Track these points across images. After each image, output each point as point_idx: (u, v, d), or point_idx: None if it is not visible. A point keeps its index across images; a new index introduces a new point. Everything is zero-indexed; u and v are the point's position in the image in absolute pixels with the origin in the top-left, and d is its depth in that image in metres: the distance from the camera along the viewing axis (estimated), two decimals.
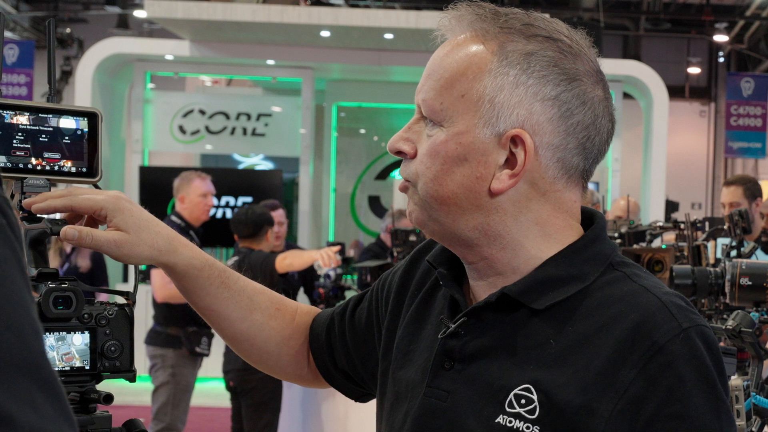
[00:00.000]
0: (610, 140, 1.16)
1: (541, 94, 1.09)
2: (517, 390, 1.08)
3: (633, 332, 1.04)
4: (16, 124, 1.23)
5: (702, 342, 1.05)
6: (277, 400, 5.27)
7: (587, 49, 1.14)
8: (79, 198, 1.23)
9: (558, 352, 1.07)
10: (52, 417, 0.57)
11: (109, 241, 1.23)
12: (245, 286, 1.40)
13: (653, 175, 9.63)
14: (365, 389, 1.44)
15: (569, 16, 11.95)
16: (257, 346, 1.42)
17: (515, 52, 1.10)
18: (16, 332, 0.58)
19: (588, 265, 1.12)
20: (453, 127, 1.11)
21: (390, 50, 9.55)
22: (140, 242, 1.25)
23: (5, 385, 0.55)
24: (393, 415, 1.22)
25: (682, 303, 1.08)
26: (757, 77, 13.95)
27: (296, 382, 1.52)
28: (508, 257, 1.13)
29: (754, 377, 2.19)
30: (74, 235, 1.21)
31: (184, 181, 5.36)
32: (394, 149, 1.16)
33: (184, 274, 1.32)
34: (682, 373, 1.02)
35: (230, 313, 1.38)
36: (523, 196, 1.11)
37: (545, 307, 1.10)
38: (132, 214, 1.25)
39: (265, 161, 11.49)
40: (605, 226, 1.18)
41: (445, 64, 1.13)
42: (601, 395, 1.03)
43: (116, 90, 10.10)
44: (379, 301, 1.37)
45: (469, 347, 1.14)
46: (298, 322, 1.46)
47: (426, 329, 1.23)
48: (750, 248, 3.27)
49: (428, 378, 1.16)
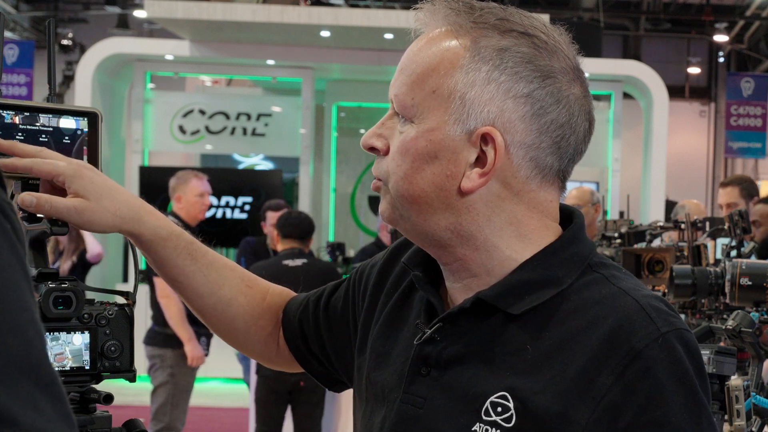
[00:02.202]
0: (588, 139, 1.13)
1: (513, 91, 1.06)
2: (493, 398, 1.05)
3: (610, 337, 1.01)
4: (16, 124, 1.23)
5: (682, 346, 1.02)
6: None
7: (565, 45, 1.10)
8: (40, 162, 1.21)
9: (535, 359, 1.05)
10: (53, 418, 0.59)
11: (68, 208, 1.21)
12: (214, 260, 1.38)
13: (653, 175, 9.63)
14: (339, 377, 1.41)
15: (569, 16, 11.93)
16: (225, 323, 1.41)
17: (488, 48, 1.07)
18: (20, 336, 0.59)
19: (565, 268, 1.09)
20: (423, 124, 1.08)
21: (390, 50, 9.55)
22: (101, 209, 1.23)
23: (9, 387, 0.57)
24: (371, 419, 1.20)
25: (662, 306, 1.05)
26: (757, 77, 13.96)
27: (265, 363, 1.51)
28: (482, 258, 1.11)
29: (754, 377, 2.19)
30: (32, 202, 1.20)
31: (181, 181, 5.34)
32: (367, 145, 1.14)
33: (150, 243, 1.30)
34: (661, 379, 1.00)
35: (197, 287, 1.36)
36: (495, 196, 1.09)
37: (521, 312, 1.07)
38: (93, 181, 1.23)
39: (265, 161, 11.48)
40: (583, 224, 1.15)
41: (418, 59, 1.10)
42: (579, 403, 1.00)
43: (116, 90, 10.10)
44: (356, 293, 1.34)
45: (445, 354, 1.11)
46: (269, 302, 1.44)
47: (403, 332, 1.20)
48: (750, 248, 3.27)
49: (405, 384, 1.14)
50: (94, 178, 1.24)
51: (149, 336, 5.24)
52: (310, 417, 5.14)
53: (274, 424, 5.14)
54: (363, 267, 1.36)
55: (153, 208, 1.32)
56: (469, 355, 1.10)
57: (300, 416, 5.16)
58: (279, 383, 5.03)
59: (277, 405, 5.13)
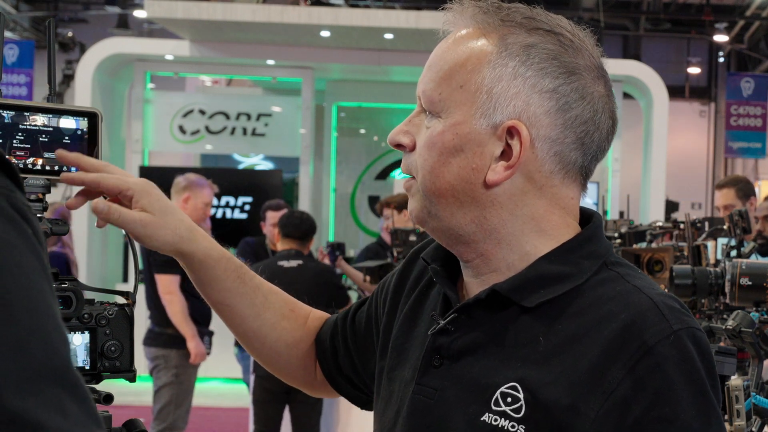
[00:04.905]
0: (611, 138, 1.15)
1: (539, 86, 1.08)
2: (503, 388, 1.06)
3: (623, 332, 1.03)
4: (16, 124, 1.23)
5: (693, 345, 1.03)
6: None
7: (590, 45, 1.13)
8: (108, 177, 1.25)
9: (546, 351, 1.06)
10: (80, 420, 0.60)
11: (135, 220, 1.25)
12: (260, 283, 1.41)
13: (653, 175, 9.63)
14: (369, 395, 1.42)
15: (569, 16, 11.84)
16: (267, 346, 1.42)
17: (515, 44, 1.09)
18: (44, 340, 0.60)
19: (582, 264, 1.11)
20: (450, 118, 1.10)
21: (390, 50, 9.55)
22: (165, 226, 1.27)
23: (35, 392, 0.58)
24: (385, 413, 1.21)
25: (676, 305, 1.06)
26: (757, 77, 13.95)
27: (304, 389, 1.51)
28: (504, 253, 1.12)
29: (754, 377, 2.19)
30: (104, 209, 1.23)
31: (196, 185, 5.29)
32: (394, 142, 1.16)
33: (201, 264, 1.33)
34: (671, 376, 1.00)
35: (243, 309, 1.38)
36: (519, 190, 1.10)
37: (536, 305, 1.09)
38: (159, 199, 1.28)
39: (265, 161, 11.49)
40: (602, 225, 1.17)
41: (446, 56, 1.13)
42: (589, 395, 1.01)
43: (116, 90, 10.10)
44: (378, 304, 1.37)
45: (457, 344, 1.13)
46: (309, 326, 1.46)
47: (419, 326, 1.23)
48: (750, 248, 3.27)
49: (417, 375, 1.16)
50: (160, 196, 1.29)
51: (150, 337, 5.24)
52: (307, 417, 5.14)
53: (272, 425, 5.14)
54: (385, 279, 1.39)
55: (204, 231, 1.36)
56: (482, 345, 1.11)
57: (297, 416, 5.16)
58: (275, 383, 5.00)
59: (274, 405, 5.13)
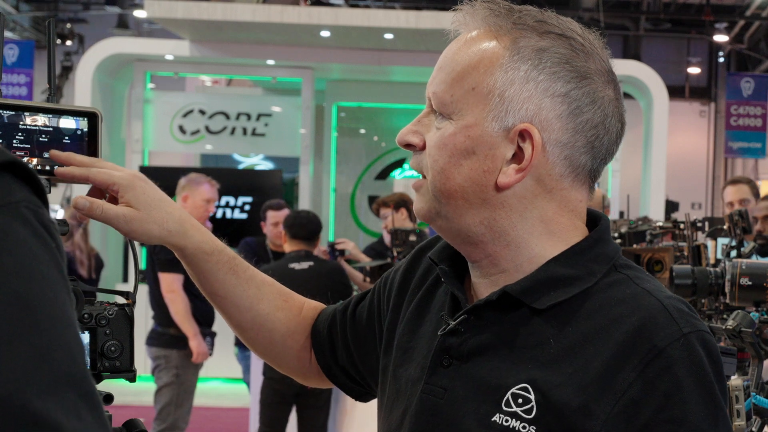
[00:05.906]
0: (620, 141, 1.16)
1: (551, 91, 1.09)
2: (514, 389, 1.07)
3: (633, 335, 1.04)
4: (16, 123, 1.23)
5: (702, 348, 1.04)
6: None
7: (600, 49, 1.14)
8: (95, 171, 1.25)
9: (557, 352, 1.07)
10: (93, 427, 0.64)
11: (118, 216, 1.25)
12: (254, 275, 1.41)
13: (653, 175, 9.63)
14: (366, 388, 1.44)
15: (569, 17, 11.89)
16: (262, 336, 1.44)
17: (527, 48, 1.10)
18: (66, 349, 0.65)
19: (591, 266, 1.12)
20: (462, 120, 1.11)
21: (390, 50, 9.55)
22: (150, 220, 1.27)
23: (56, 397, 0.62)
24: (392, 412, 1.22)
25: (685, 308, 1.07)
26: (757, 77, 13.95)
27: (299, 378, 1.53)
28: (512, 254, 1.13)
29: (754, 377, 2.19)
30: (85, 205, 1.24)
31: (193, 183, 5.32)
32: (403, 141, 1.16)
33: (192, 257, 1.34)
34: (681, 379, 1.02)
35: (237, 301, 1.39)
36: (529, 192, 1.11)
37: (546, 307, 1.09)
38: (144, 192, 1.27)
39: (265, 161, 11.49)
40: (609, 227, 1.18)
41: (458, 58, 1.13)
42: (599, 397, 1.02)
43: (116, 90, 10.10)
44: (380, 299, 1.38)
45: (468, 345, 1.14)
46: (304, 316, 1.47)
47: (425, 326, 1.23)
48: (750, 248, 3.27)
49: (426, 375, 1.16)
50: (147, 189, 1.28)
51: (153, 337, 5.25)
52: (315, 420, 5.13)
53: (277, 426, 5.13)
54: (387, 273, 1.39)
55: (198, 223, 1.36)
56: (492, 347, 1.12)
57: (305, 419, 5.15)
58: (286, 386, 5.00)
59: (282, 407, 5.12)
